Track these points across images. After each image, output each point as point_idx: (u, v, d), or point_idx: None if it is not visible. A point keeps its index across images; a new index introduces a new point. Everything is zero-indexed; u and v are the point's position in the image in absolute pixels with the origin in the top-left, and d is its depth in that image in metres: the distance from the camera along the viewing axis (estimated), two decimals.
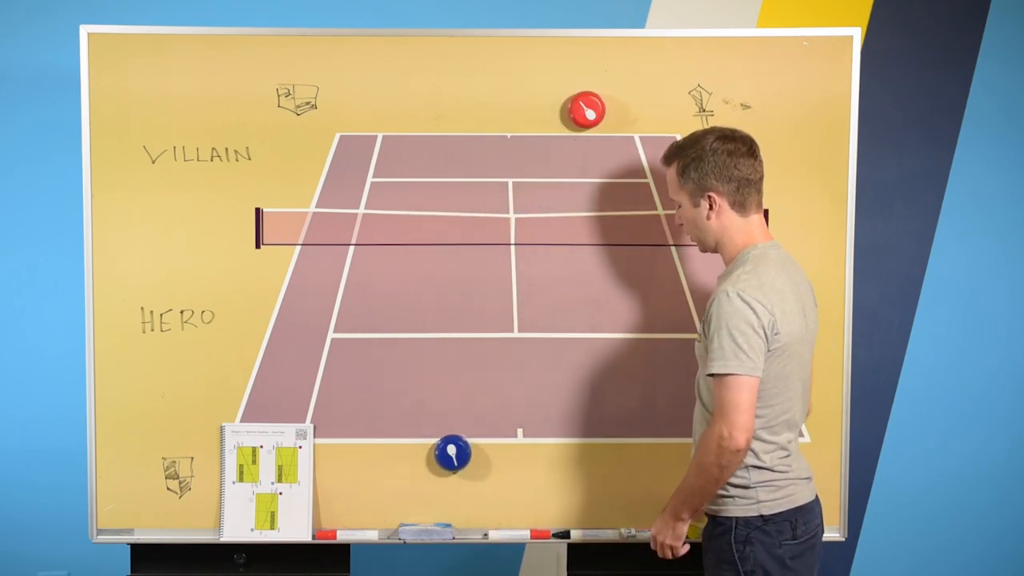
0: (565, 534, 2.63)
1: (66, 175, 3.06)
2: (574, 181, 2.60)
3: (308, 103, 2.58)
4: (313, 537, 2.60)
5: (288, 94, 2.57)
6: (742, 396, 2.11)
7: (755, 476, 2.21)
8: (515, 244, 2.61)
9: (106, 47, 2.54)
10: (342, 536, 2.61)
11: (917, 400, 3.47)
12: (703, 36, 2.60)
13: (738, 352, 2.11)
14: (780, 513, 2.21)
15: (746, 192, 2.25)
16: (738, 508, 2.22)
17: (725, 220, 2.26)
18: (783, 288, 2.20)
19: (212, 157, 2.57)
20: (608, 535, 2.63)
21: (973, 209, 3.45)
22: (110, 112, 2.55)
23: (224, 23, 3.01)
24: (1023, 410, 3.49)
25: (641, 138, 2.60)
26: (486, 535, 2.63)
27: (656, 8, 3.40)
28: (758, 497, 2.21)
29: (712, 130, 2.30)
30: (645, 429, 2.62)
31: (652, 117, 2.60)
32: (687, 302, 2.62)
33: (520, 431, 2.63)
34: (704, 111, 2.60)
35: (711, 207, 2.25)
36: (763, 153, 2.59)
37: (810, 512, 2.25)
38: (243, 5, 3.30)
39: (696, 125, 2.59)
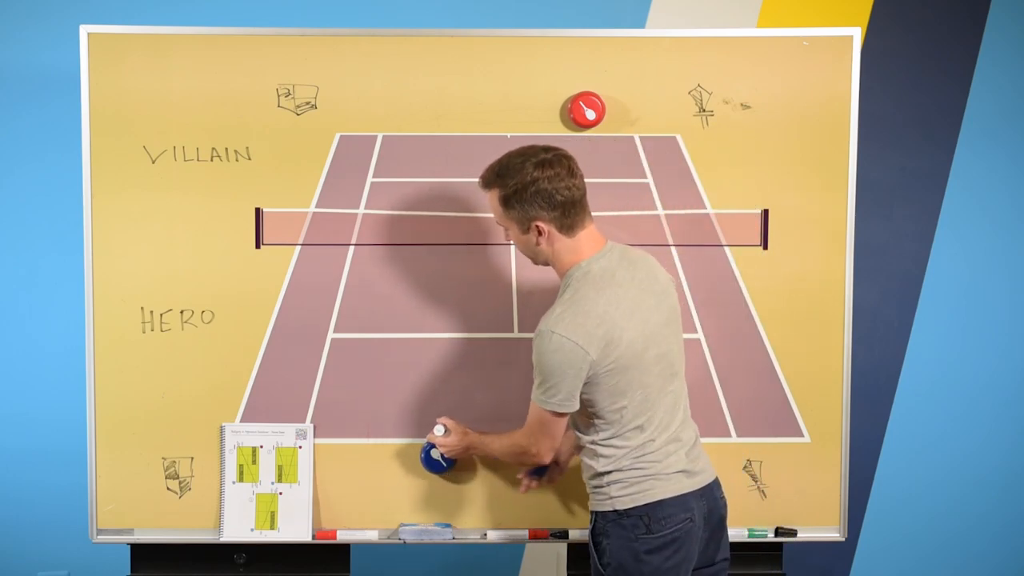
0: (563, 534, 2.63)
1: (66, 175, 3.06)
2: None
3: (308, 103, 2.58)
4: (313, 537, 2.60)
5: (288, 94, 2.57)
6: (546, 427, 2.28)
7: (606, 478, 2.27)
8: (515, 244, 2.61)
9: (106, 47, 2.54)
10: (342, 536, 2.61)
11: (917, 400, 3.47)
12: (703, 36, 2.60)
13: (548, 392, 2.22)
14: (634, 508, 2.23)
15: (572, 213, 2.24)
16: (596, 503, 2.30)
17: (555, 243, 2.26)
18: (607, 304, 2.20)
19: (212, 157, 2.58)
20: None
21: (973, 209, 3.45)
22: (110, 112, 2.55)
23: (224, 23, 3.01)
24: (1023, 410, 3.49)
25: (641, 138, 2.60)
26: (485, 535, 2.64)
27: (656, 8, 3.40)
28: (610, 493, 2.26)
29: (527, 154, 2.25)
30: None
31: (652, 117, 2.60)
32: (687, 302, 2.61)
33: None
34: (704, 111, 2.60)
35: (540, 234, 2.25)
36: (763, 153, 2.61)
37: (673, 506, 2.24)
38: (243, 5, 3.30)
39: (696, 125, 2.59)
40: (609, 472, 2.26)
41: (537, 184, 2.21)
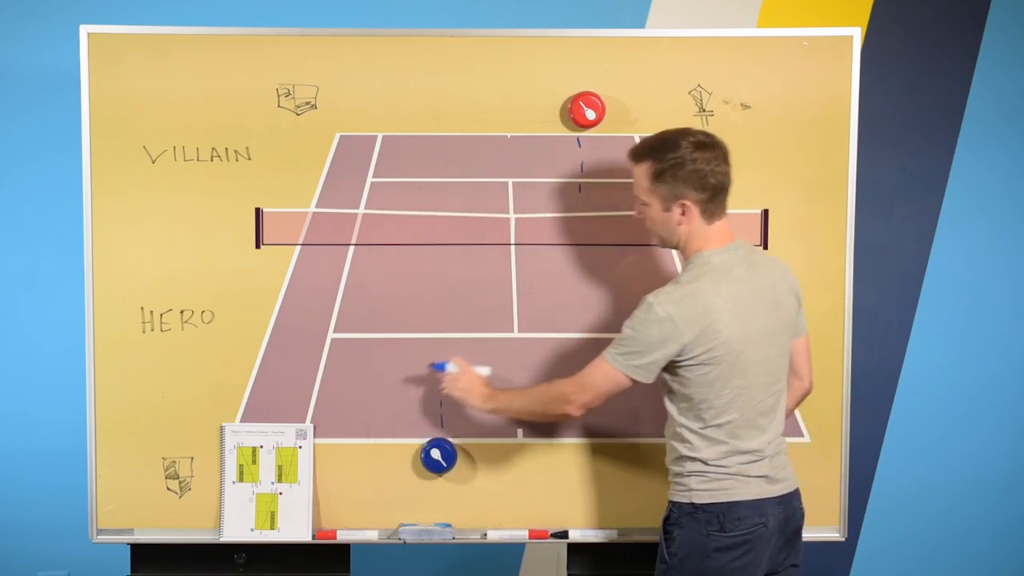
0: (563, 534, 2.63)
1: (66, 175, 3.05)
2: (574, 181, 2.61)
3: (308, 103, 2.58)
4: (313, 537, 2.60)
5: (288, 94, 2.57)
6: (603, 384, 2.28)
7: (688, 466, 2.27)
8: (515, 244, 2.61)
9: (106, 47, 2.54)
10: (342, 536, 2.61)
11: (917, 400, 3.47)
12: (703, 36, 2.60)
13: (625, 352, 2.24)
14: (711, 504, 2.24)
15: (717, 200, 2.26)
16: (675, 493, 2.30)
17: (693, 226, 2.27)
18: (716, 295, 2.21)
19: (212, 157, 2.58)
20: (607, 535, 2.63)
21: (973, 209, 3.45)
22: (110, 112, 2.55)
23: (224, 23, 3.01)
24: (1023, 410, 3.50)
25: (641, 138, 2.60)
26: (485, 535, 2.64)
27: (656, 8, 3.40)
28: (690, 485, 2.26)
29: (686, 133, 2.27)
30: (645, 429, 2.62)
31: (652, 117, 2.60)
32: None
33: (520, 431, 2.63)
34: (704, 111, 2.60)
35: (683, 213, 2.26)
36: (763, 153, 2.61)
37: (749, 509, 2.24)
38: (243, 5, 3.30)
39: (696, 125, 2.58)
40: (692, 459, 2.26)
41: (695, 163, 2.22)
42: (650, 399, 2.62)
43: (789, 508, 2.31)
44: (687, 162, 2.22)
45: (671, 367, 2.26)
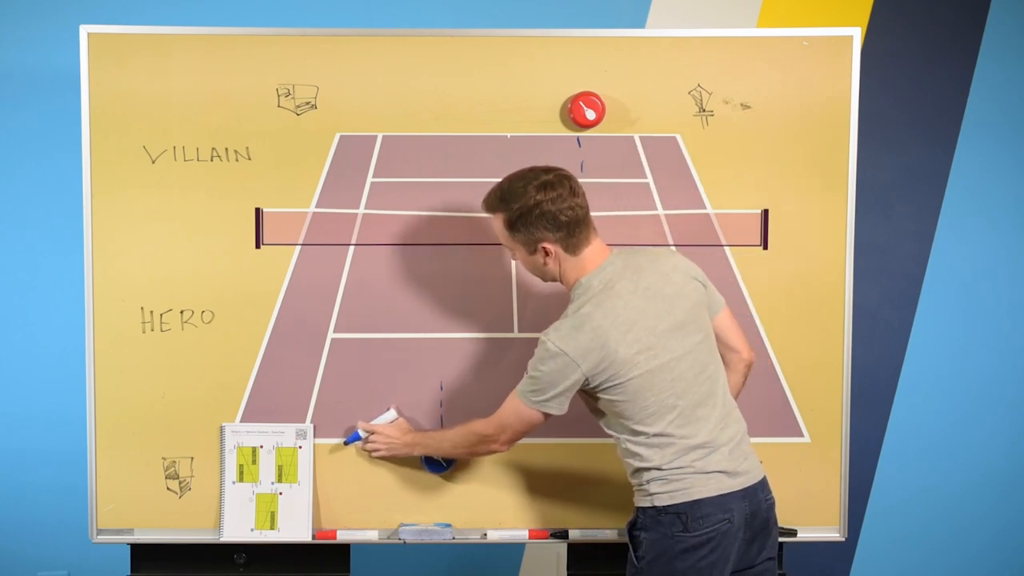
0: (563, 534, 2.63)
1: (66, 175, 3.06)
2: None
3: (308, 103, 2.58)
4: (313, 537, 2.60)
5: (288, 94, 2.57)
6: (518, 423, 2.34)
7: (645, 475, 2.28)
8: None
9: (106, 47, 2.54)
10: (342, 536, 2.62)
11: (917, 400, 3.47)
12: (703, 36, 2.60)
13: (531, 391, 2.28)
14: (672, 505, 2.24)
15: (576, 233, 2.27)
16: (638, 499, 2.31)
17: (562, 263, 2.30)
18: (603, 318, 2.22)
19: (212, 157, 2.58)
20: (607, 535, 2.63)
21: (973, 209, 3.45)
22: (110, 112, 2.55)
23: (224, 23, 3.01)
24: (1023, 410, 3.50)
25: (641, 138, 2.60)
26: (485, 535, 2.64)
27: (656, 8, 3.40)
28: (649, 490, 2.27)
29: (528, 177, 2.28)
30: None
31: (652, 117, 2.60)
32: None
33: None
34: (704, 111, 2.60)
35: (547, 255, 2.29)
36: (763, 153, 2.61)
37: (711, 506, 2.24)
38: (243, 5, 3.30)
39: (696, 125, 2.59)
40: (648, 469, 2.27)
41: (541, 207, 2.24)
42: None
43: (755, 501, 2.29)
44: (533, 207, 2.24)
45: (590, 393, 2.28)
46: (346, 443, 2.59)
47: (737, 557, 2.28)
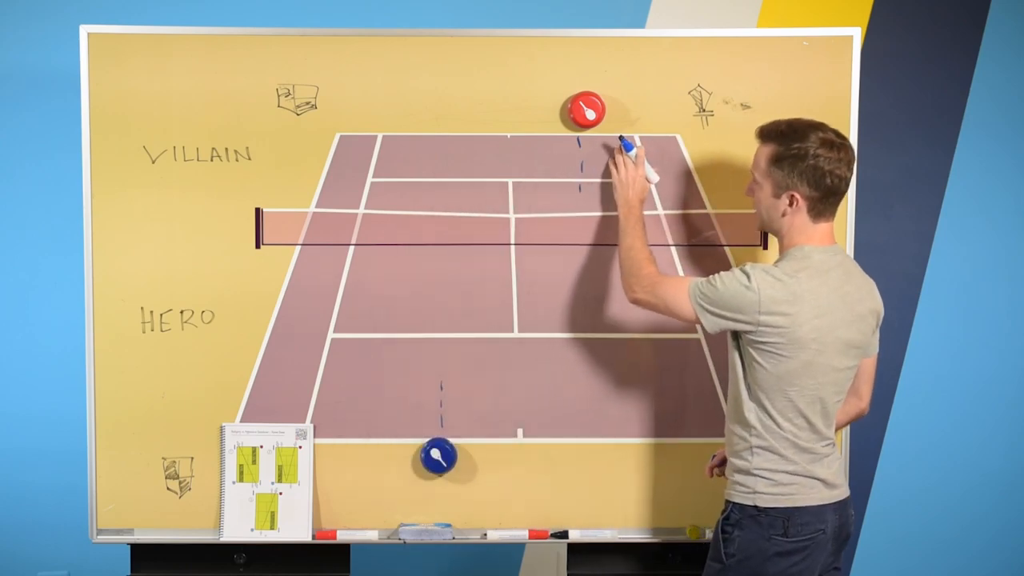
0: (563, 534, 2.63)
1: (66, 175, 3.06)
2: (574, 181, 2.60)
3: (308, 103, 2.58)
4: (313, 537, 2.60)
5: (288, 94, 2.57)
6: (668, 295, 2.31)
7: (756, 461, 2.25)
8: (515, 244, 2.61)
9: (106, 47, 2.54)
10: (342, 536, 2.62)
11: (917, 400, 3.47)
12: (703, 36, 2.60)
13: (702, 293, 2.25)
14: (776, 508, 2.22)
15: (829, 202, 2.25)
16: (737, 494, 2.27)
17: (797, 220, 2.26)
18: (807, 291, 2.20)
19: (212, 157, 2.58)
20: (607, 535, 2.63)
21: (973, 209, 3.45)
22: (110, 112, 2.55)
23: (224, 23, 3.01)
24: (1023, 410, 3.49)
25: (641, 138, 2.60)
26: (485, 535, 2.64)
27: (656, 8, 3.40)
28: (756, 488, 2.24)
29: (817, 128, 2.25)
30: (645, 429, 2.62)
31: (652, 117, 2.60)
32: None
33: (520, 431, 2.63)
34: (704, 111, 2.60)
35: (791, 204, 2.25)
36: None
37: (812, 515, 2.24)
38: (243, 5, 3.30)
39: (696, 125, 2.59)
40: (759, 450, 2.24)
41: (817, 159, 2.21)
42: (648, 401, 2.63)
43: (844, 514, 2.31)
44: (809, 156, 2.21)
45: (748, 344, 2.24)
46: (620, 138, 2.54)
47: (820, 567, 2.28)
